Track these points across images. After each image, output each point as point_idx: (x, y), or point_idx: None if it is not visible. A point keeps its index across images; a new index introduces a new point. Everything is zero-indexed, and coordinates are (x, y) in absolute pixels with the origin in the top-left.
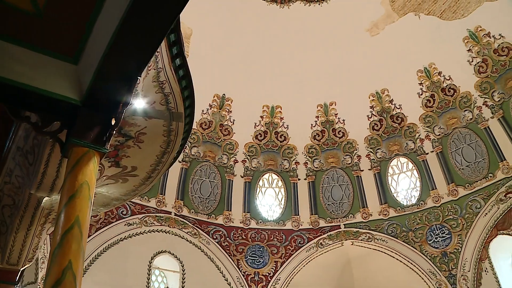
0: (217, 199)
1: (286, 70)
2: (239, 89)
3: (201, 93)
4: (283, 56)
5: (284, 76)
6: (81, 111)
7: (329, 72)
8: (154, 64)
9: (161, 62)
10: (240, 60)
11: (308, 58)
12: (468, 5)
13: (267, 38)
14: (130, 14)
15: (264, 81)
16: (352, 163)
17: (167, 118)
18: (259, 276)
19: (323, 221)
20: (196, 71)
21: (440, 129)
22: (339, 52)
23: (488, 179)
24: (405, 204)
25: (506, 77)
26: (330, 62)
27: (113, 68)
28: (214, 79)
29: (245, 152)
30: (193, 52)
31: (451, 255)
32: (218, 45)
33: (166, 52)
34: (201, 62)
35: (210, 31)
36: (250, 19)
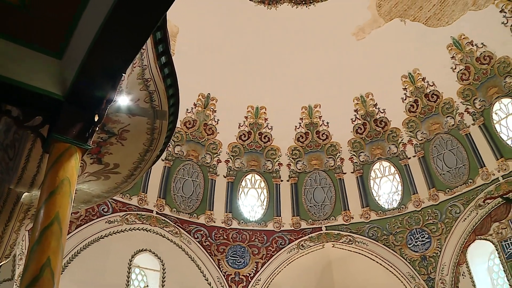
0: (199, 198)
1: (272, 71)
2: (224, 89)
3: (186, 91)
4: (269, 57)
5: (269, 77)
6: (64, 107)
7: (314, 75)
8: (139, 62)
9: (147, 59)
10: (226, 59)
11: (294, 60)
12: (453, 13)
13: (254, 38)
14: (116, 10)
15: (249, 82)
16: (335, 165)
17: (151, 116)
18: (239, 276)
19: (305, 223)
20: (182, 69)
21: (423, 134)
22: (325, 55)
23: (468, 184)
24: (386, 207)
25: (487, 85)
26: (316, 65)
27: (98, 64)
28: (199, 78)
29: (228, 152)
30: (179, 50)
31: (430, 259)
32: (204, 44)
33: (151, 49)
34: (187, 61)
35: (196, 30)
36: (238, 19)
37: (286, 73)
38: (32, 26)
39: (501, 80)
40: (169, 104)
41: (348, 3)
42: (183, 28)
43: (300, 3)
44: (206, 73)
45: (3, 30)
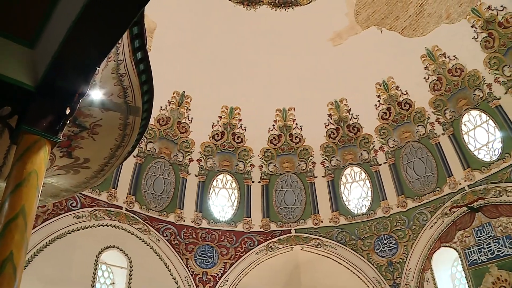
0: (170, 196)
1: (248, 72)
2: (199, 88)
3: (161, 88)
4: (246, 58)
5: (245, 78)
6: (34, 98)
7: (290, 78)
8: (115, 56)
9: (122, 54)
10: (202, 58)
11: (271, 62)
12: (427, 24)
13: (231, 39)
14: (93, 2)
15: (225, 81)
16: (307, 169)
17: (124, 112)
18: (207, 276)
19: (274, 225)
20: (157, 66)
21: (394, 141)
22: (302, 58)
23: (436, 193)
24: (356, 212)
25: (458, 96)
26: (292, 68)
27: (72, 56)
28: (175, 76)
29: (201, 151)
30: (155, 46)
31: (396, 265)
32: (181, 42)
33: (127, 44)
34: (163, 58)
35: (174, 27)
36: (216, 18)
37: (262, 75)
38: (4, 13)
39: (471, 93)
40: (143, 100)
41: (327, 9)
42: (161, 24)
43: (280, 6)
44: (182, 70)
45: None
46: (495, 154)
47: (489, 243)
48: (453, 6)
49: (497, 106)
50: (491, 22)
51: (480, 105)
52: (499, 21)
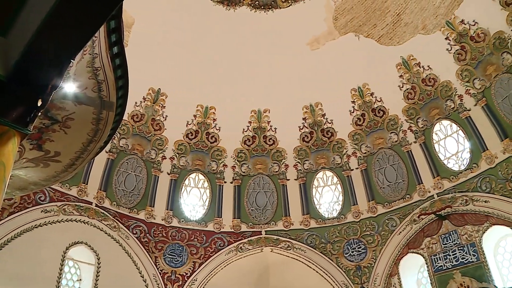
0: (141, 193)
1: (224, 71)
2: (175, 85)
3: (136, 84)
4: (223, 58)
5: (221, 77)
6: (5, 87)
7: (266, 80)
8: (90, 49)
9: (98, 48)
10: (179, 56)
11: (248, 63)
12: (404, 34)
13: (209, 38)
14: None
15: (201, 80)
16: (279, 171)
17: (97, 106)
18: (176, 275)
19: (245, 226)
20: (134, 61)
21: (367, 147)
22: (279, 61)
23: (405, 199)
24: (326, 216)
25: (431, 106)
26: (269, 70)
27: (46, 47)
28: (151, 72)
29: (174, 149)
30: (133, 42)
31: (364, 269)
32: (159, 38)
33: (104, 38)
34: (140, 53)
35: (153, 23)
36: (195, 16)
37: (238, 75)
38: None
39: (443, 103)
40: (117, 95)
41: (306, 13)
42: (139, 20)
43: (259, 8)
44: (158, 67)
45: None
46: (464, 164)
47: (454, 250)
48: (429, 17)
49: (467, 117)
50: (464, 35)
51: (451, 116)
52: (471, 35)
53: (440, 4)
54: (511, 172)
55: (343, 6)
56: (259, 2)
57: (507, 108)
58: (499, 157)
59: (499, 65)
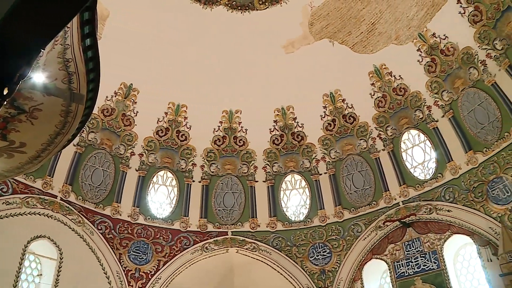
0: (108, 189)
1: (197, 70)
2: (147, 81)
3: (108, 78)
4: (197, 56)
5: (194, 75)
6: None
7: (239, 80)
8: (62, 40)
9: (70, 39)
10: (153, 52)
11: (221, 62)
12: (377, 43)
13: (184, 35)
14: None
15: (174, 78)
16: (248, 172)
17: (67, 98)
18: (140, 273)
19: (212, 226)
20: (107, 55)
21: (336, 153)
22: (253, 62)
23: (372, 206)
24: (293, 219)
25: (400, 115)
26: (242, 71)
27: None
28: (123, 67)
29: (143, 145)
30: (106, 35)
31: (328, 273)
32: (133, 33)
33: (77, 29)
34: (113, 47)
35: (128, 17)
36: (171, 13)
37: (211, 74)
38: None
39: (412, 113)
40: (88, 88)
41: (282, 16)
42: (114, 12)
43: (236, 8)
44: (131, 62)
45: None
46: (429, 173)
47: (416, 257)
48: (402, 28)
49: (435, 128)
50: (435, 48)
51: (419, 125)
52: (441, 49)
53: (413, 16)
54: (473, 183)
55: (320, 12)
56: (236, 3)
57: (472, 121)
58: (463, 168)
59: (466, 79)
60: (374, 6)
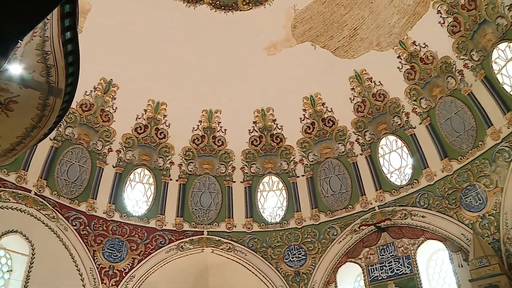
0: (84, 185)
1: (178, 68)
2: (127, 78)
3: (88, 73)
4: (178, 54)
5: (174, 73)
6: None
7: (220, 80)
8: (41, 31)
9: (50, 31)
10: (134, 48)
11: (202, 61)
12: (359, 48)
13: (166, 33)
14: None
15: (154, 75)
16: (226, 173)
17: (44, 91)
18: (114, 270)
19: (188, 225)
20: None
21: (314, 156)
22: (234, 63)
23: (348, 210)
24: (269, 221)
25: (378, 120)
26: (223, 71)
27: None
28: (104, 62)
29: (121, 142)
30: (87, 29)
31: (303, 275)
32: (115, 28)
33: (57, 22)
34: (94, 42)
35: (110, 11)
36: (154, 10)
37: (192, 73)
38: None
39: (390, 119)
40: (66, 82)
41: (266, 18)
42: (96, 6)
43: (220, 8)
44: (112, 58)
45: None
46: (405, 179)
47: (390, 261)
48: (383, 35)
49: (412, 134)
50: (415, 56)
51: (397, 132)
52: (421, 57)
53: (395, 23)
54: (447, 190)
55: (303, 15)
56: (220, 2)
57: (448, 129)
58: (438, 175)
59: (444, 88)
60: (356, 12)
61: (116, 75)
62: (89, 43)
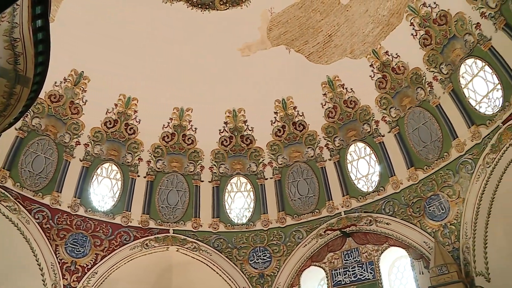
0: (49, 177)
1: (151, 64)
2: (99, 70)
3: (58, 63)
4: (152, 50)
5: (147, 69)
6: None
7: (192, 78)
8: (10, 17)
9: (19, 17)
10: (108, 41)
11: (176, 58)
12: (333, 55)
13: (141, 27)
14: None
15: (127, 70)
16: (194, 172)
17: (11, 79)
18: (76, 266)
19: (153, 223)
20: (59, 39)
21: (283, 159)
22: (208, 62)
23: (314, 214)
24: (236, 222)
25: (348, 127)
26: (196, 69)
27: None
28: (75, 53)
29: (90, 136)
30: (60, 18)
31: (267, 277)
32: (89, 20)
33: (28, 8)
34: (66, 31)
35: (84, 2)
36: (129, 4)
37: (165, 69)
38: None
39: (360, 126)
40: (35, 71)
41: (242, 19)
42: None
43: (196, 6)
44: (84, 49)
45: None
46: (372, 186)
47: (354, 267)
48: (357, 43)
49: (381, 142)
50: (387, 65)
51: (366, 139)
52: (392, 67)
53: (369, 32)
54: (412, 199)
55: (279, 18)
56: (197, 0)
57: (415, 139)
58: (404, 183)
59: (414, 98)
60: (332, 18)
61: (87, 68)
62: (61, 33)
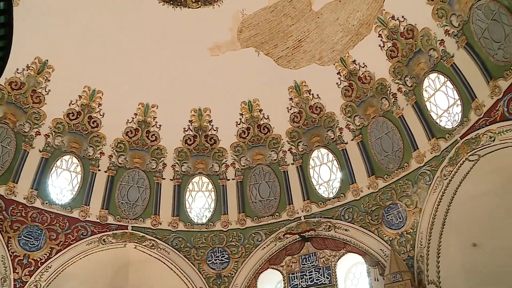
0: (5, 167)
1: (118, 57)
2: (64, 60)
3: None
4: (120, 43)
5: (114, 62)
6: None
7: (160, 75)
8: None
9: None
10: (75, 31)
11: (144, 54)
12: (301, 60)
13: (110, 20)
14: None
15: (93, 61)
16: (157, 169)
17: None
18: (28, 259)
19: (112, 218)
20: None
21: (246, 160)
22: (177, 60)
23: (274, 217)
24: (196, 221)
25: (313, 133)
26: (164, 65)
27: None
28: (40, 41)
29: (51, 126)
30: (25, 3)
31: (224, 278)
32: (56, 7)
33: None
34: (31, 17)
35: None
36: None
37: (132, 64)
38: None
39: (324, 132)
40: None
41: (213, 19)
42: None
43: (168, 2)
44: (49, 37)
45: None
46: (333, 192)
47: (311, 271)
48: (326, 50)
49: (343, 149)
50: (354, 74)
51: (329, 145)
52: (359, 76)
53: (338, 41)
54: (371, 207)
55: (250, 20)
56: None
57: (378, 148)
58: (364, 191)
59: (378, 108)
60: (303, 24)
61: (52, 56)
62: (25, 18)
